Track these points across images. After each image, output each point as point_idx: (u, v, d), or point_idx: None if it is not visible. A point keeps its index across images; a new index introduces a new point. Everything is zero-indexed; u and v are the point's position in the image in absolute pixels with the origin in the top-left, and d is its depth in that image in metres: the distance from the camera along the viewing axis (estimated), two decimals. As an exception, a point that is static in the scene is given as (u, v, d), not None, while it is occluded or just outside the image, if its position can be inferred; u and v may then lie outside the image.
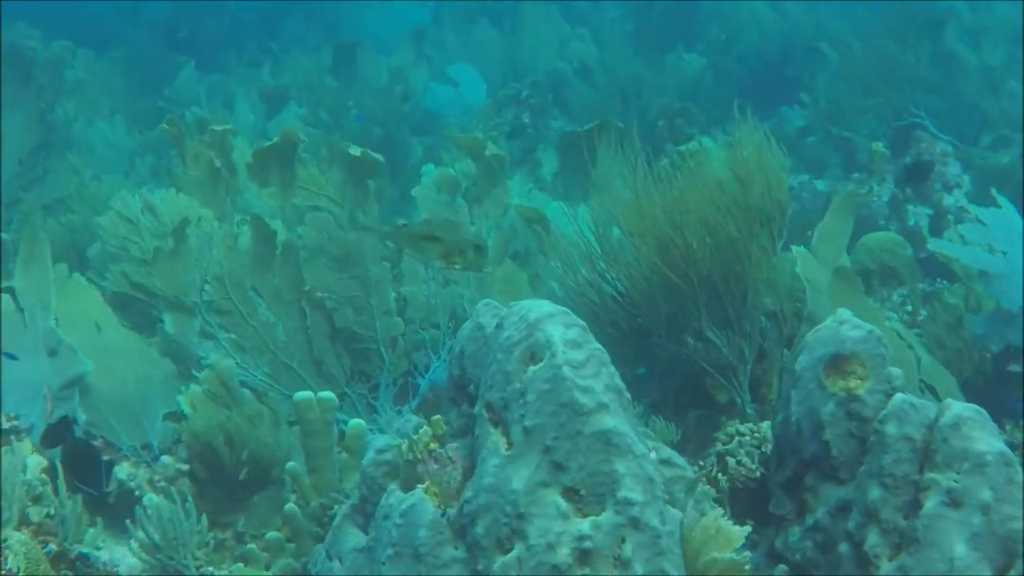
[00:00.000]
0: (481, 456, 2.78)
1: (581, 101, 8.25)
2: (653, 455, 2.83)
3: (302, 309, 4.23)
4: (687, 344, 4.03)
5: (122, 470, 3.91)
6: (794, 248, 4.17)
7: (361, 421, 3.65)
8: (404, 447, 2.96)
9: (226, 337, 4.14)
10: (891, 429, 2.70)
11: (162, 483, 3.92)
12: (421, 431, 2.95)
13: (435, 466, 2.93)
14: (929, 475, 2.65)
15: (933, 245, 4.65)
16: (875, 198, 5.99)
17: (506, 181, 4.66)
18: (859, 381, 2.80)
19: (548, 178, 6.28)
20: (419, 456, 2.93)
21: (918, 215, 5.94)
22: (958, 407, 2.68)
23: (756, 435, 3.41)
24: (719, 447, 3.48)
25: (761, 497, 3.28)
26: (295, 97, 8.31)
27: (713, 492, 3.14)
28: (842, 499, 2.79)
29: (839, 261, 4.20)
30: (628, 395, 2.86)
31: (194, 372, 4.05)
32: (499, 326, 2.92)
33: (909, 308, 4.99)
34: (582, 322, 2.86)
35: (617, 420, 2.71)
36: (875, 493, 2.69)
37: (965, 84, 7.89)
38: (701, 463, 3.68)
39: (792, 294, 4.13)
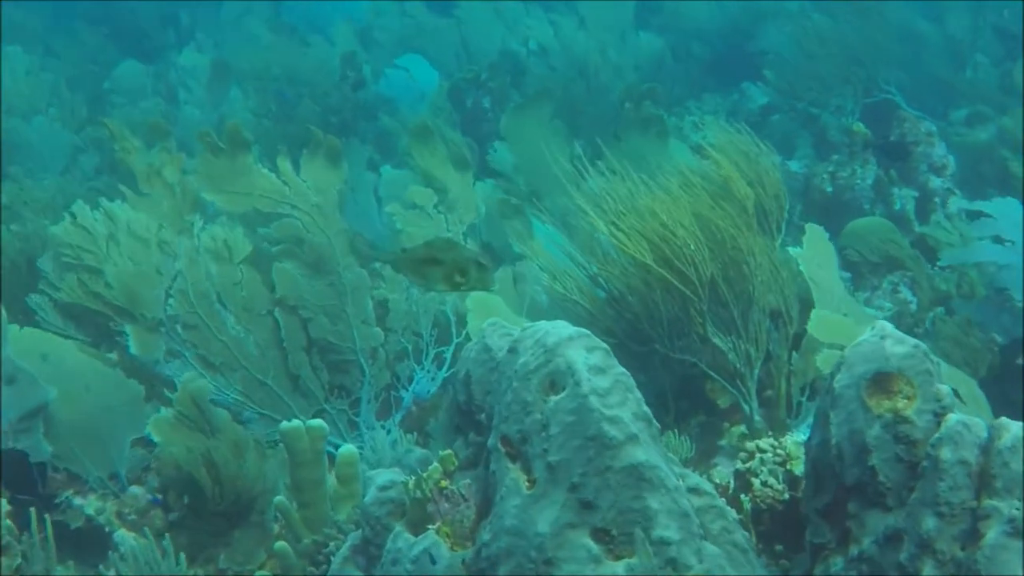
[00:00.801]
0: (500, 495, 2.55)
1: (540, 83, 7.96)
2: (681, 483, 2.61)
3: (274, 321, 3.95)
4: (691, 349, 3.81)
5: (89, 504, 3.62)
6: (791, 250, 3.98)
7: (352, 447, 3.39)
8: (411, 484, 2.71)
9: (194, 353, 3.84)
10: (946, 454, 2.49)
11: (132, 516, 3.63)
12: (431, 468, 2.70)
13: (447, 505, 2.71)
14: (988, 502, 2.45)
15: (944, 262, 4.52)
16: (858, 181, 5.79)
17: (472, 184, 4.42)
18: (906, 401, 2.59)
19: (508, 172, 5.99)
20: (429, 494, 2.68)
21: (904, 198, 5.75)
22: (1015, 428, 2.48)
23: (779, 452, 3.19)
24: (739, 465, 3.26)
25: (789, 520, 3.09)
26: (240, 85, 7.95)
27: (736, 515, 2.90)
28: (891, 527, 2.57)
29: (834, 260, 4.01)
30: (656, 422, 2.64)
31: (167, 393, 3.75)
32: (512, 350, 2.69)
33: (904, 296, 4.81)
34: (604, 344, 2.64)
35: (648, 452, 2.50)
36: (930, 523, 2.48)
37: (930, 57, 7.74)
38: (710, 477, 3.48)
39: (796, 293, 3.93)
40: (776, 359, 3.84)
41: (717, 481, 3.39)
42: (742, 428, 3.97)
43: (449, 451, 2.76)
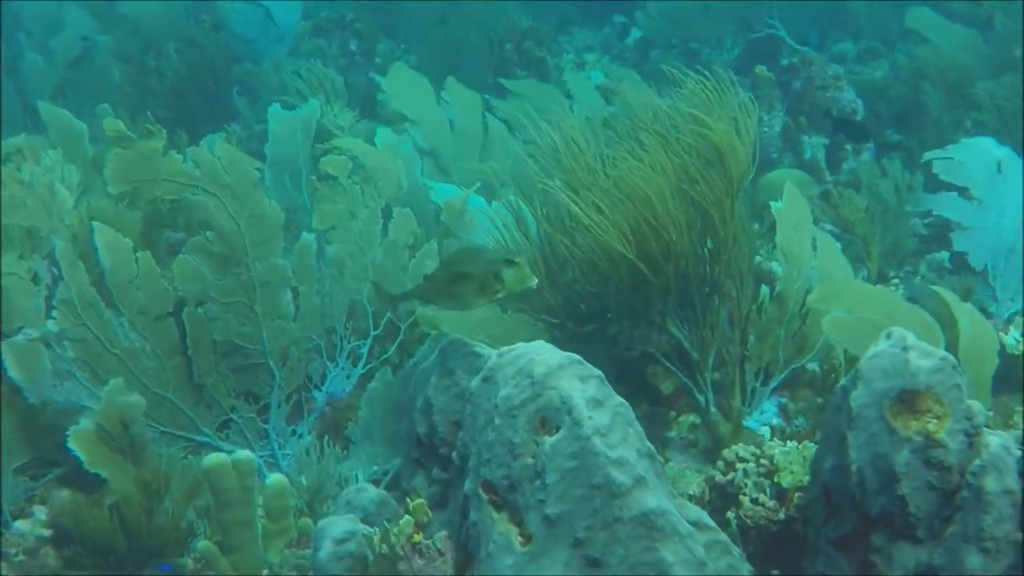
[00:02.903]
0: (487, 551, 2.22)
1: (410, 23, 7.43)
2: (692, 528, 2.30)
3: (175, 325, 3.47)
4: (642, 334, 3.50)
5: (-35, 547, 3.13)
6: (773, 205, 3.66)
7: (282, 477, 2.98)
8: (377, 539, 2.33)
9: (85, 373, 3.33)
10: (991, 484, 2.23)
11: (20, 557, 3.16)
12: (403, 522, 2.32)
13: (420, 561, 2.34)
14: (1038, 535, 2.21)
15: (912, 207, 4.23)
16: (765, 128, 5.51)
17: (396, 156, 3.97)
18: (936, 421, 2.31)
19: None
20: (401, 550, 2.31)
21: (814, 146, 5.49)
22: (1062, 451, 2.24)
23: (762, 462, 2.89)
24: (718, 477, 2.95)
25: (782, 541, 2.80)
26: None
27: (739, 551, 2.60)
28: (923, 563, 2.31)
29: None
30: (659, 456, 2.32)
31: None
32: (489, 379, 2.33)
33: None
34: (598, 371, 2.29)
35: (658, 496, 2.20)
36: (975, 560, 2.24)
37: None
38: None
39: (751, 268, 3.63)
40: (731, 343, 3.54)
41: (691, 492, 3.07)
42: (691, 417, 3.69)
43: (421, 500, 2.39)
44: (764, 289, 3.68)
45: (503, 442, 2.24)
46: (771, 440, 3.31)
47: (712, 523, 2.51)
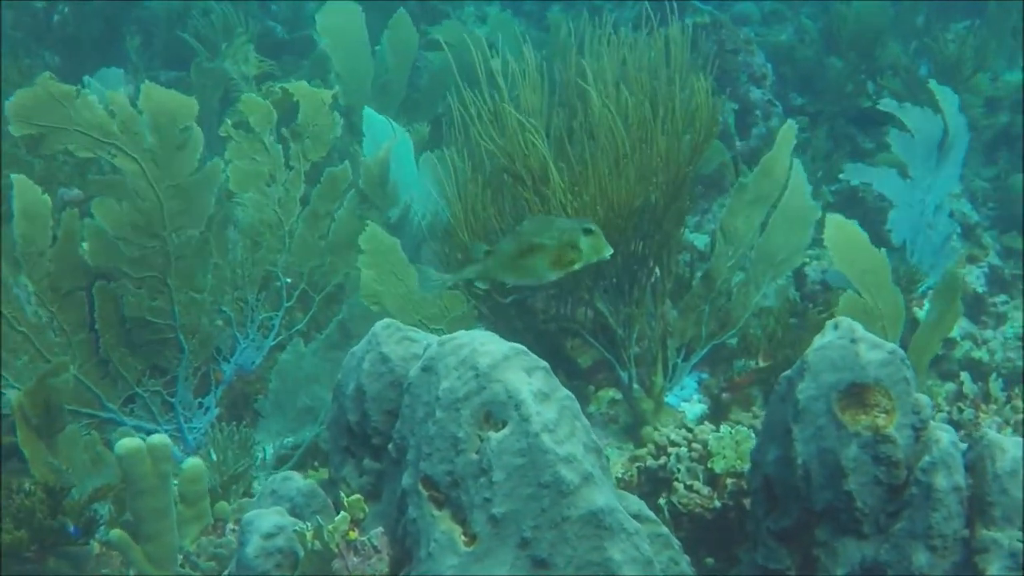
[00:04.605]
0: (427, 550, 2.13)
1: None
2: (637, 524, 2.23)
3: (84, 300, 3.28)
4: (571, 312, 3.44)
5: None
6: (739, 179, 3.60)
7: (198, 461, 2.83)
8: (309, 535, 2.22)
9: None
10: (941, 481, 2.21)
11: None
12: (338, 519, 2.21)
13: (355, 559, 2.23)
14: (986, 533, 2.20)
15: (847, 175, 4.19)
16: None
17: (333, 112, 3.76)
18: (884, 415, 2.27)
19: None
20: (335, 548, 2.20)
21: (724, 111, 5.44)
22: (1013, 449, 2.23)
23: (695, 446, 2.84)
24: (650, 462, 2.90)
25: (715, 527, 2.76)
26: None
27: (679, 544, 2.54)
28: (869, 558, 2.29)
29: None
30: (603, 450, 2.25)
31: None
32: (429, 369, 2.23)
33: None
34: (543, 362, 2.21)
35: (605, 494, 2.14)
36: (923, 558, 2.22)
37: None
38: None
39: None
40: (653, 319, 3.49)
41: (618, 475, 3.02)
42: (611, 393, 3.64)
43: (358, 496, 2.27)
44: (682, 260, 3.62)
45: (445, 436, 2.14)
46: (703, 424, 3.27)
47: (652, 515, 2.45)
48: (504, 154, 3.36)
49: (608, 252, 2.68)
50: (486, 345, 2.19)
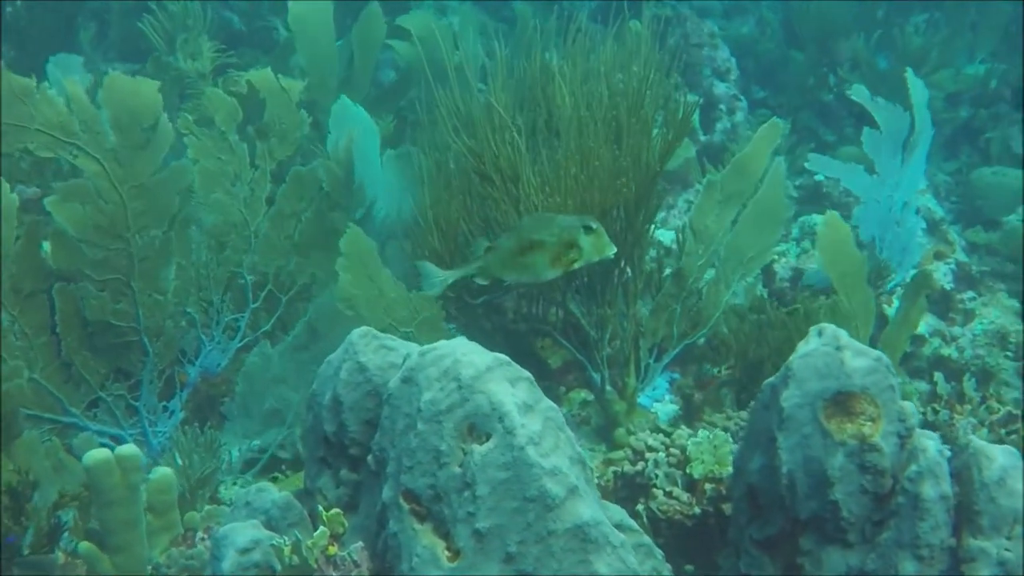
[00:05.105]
0: (409, 564, 2.10)
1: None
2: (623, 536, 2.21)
3: (46, 302, 3.20)
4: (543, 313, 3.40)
5: None
6: (707, 177, 3.57)
7: (167, 471, 2.77)
8: (287, 550, 2.17)
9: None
10: (929, 491, 2.19)
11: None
12: (317, 533, 2.17)
13: (334, 574, 2.18)
14: (973, 542, 2.19)
15: (811, 164, 4.17)
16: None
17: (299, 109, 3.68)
18: (871, 423, 2.25)
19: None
20: (315, 564, 2.15)
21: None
22: (1000, 457, 2.22)
23: (672, 451, 2.81)
24: (627, 467, 2.87)
25: (697, 535, 2.74)
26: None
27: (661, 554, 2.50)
28: (854, 567, 2.27)
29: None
30: (588, 461, 2.22)
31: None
32: (409, 380, 2.18)
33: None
34: (526, 372, 2.17)
35: (591, 506, 2.10)
36: (910, 567, 2.20)
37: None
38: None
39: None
40: (625, 319, 3.46)
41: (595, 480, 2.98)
42: (582, 394, 3.61)
43: (337, 511, 2.23)
44: (649, 257, 3.59)
45: (427, 449, 2.10)
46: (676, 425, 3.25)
47: (634, 524, 2.42)
48: (473, 154, 3.31)
49: (611, 251, 2.67)
50: (469, 355, 2.15)
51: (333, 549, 2.18)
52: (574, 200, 3.13)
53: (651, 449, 2.85)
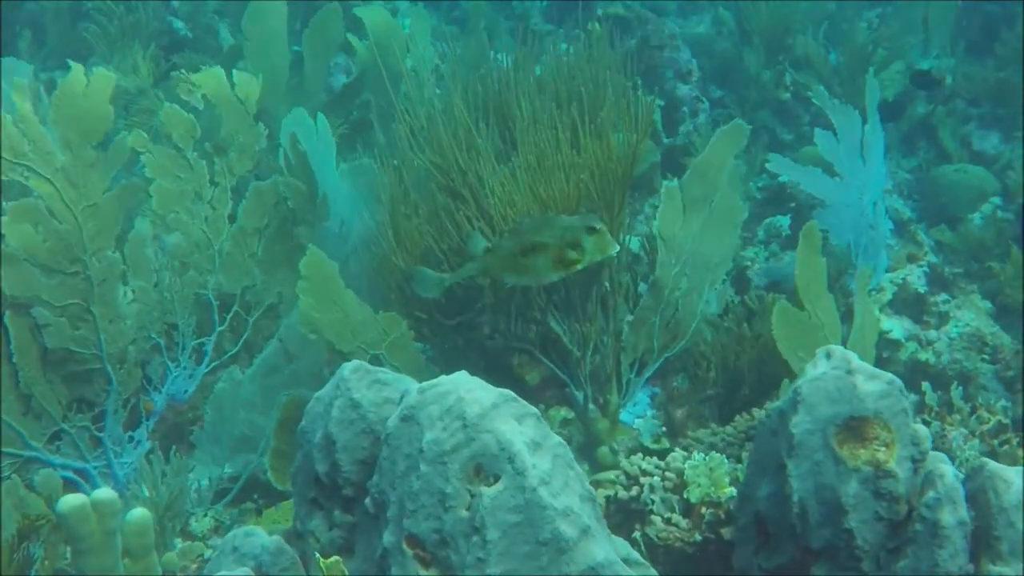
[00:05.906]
0: (415, 613, 1.96)
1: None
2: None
3: (2, 331, 3.04)
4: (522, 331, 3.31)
5: None
6: (664, 184, 3.49)
7: (144, 512, 2.63)
8: (284, 600, 2.06)
9: None
10: (947, 517, 2.13)
11: None
12: (317, 582, 2.06)
13: (335, 624, 2.07)
14: (993, 568, 2.13)
15: (772, 165, 4.10)
16: (601, 90, 5.31)
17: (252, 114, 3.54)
18: (884, 449, 2.19)
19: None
20: (314, 615, 2.05)
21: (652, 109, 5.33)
22: (1018, 480, 2.16)
23: (668, 475, 2.73)
24: (621, 493, 2.78)
25: (696, 561, 2.66)
26: None
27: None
28: (870, 598, 2.20)
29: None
30: (597, 497, 2.13)
31: None
32: (409, 419, 2.08)
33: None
34: (532, 408, 2.08)
35: (603, 546, 2.03)
36: (929, 597, 2.13)
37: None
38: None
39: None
40: (606, 333, 3.38)
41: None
42: (563, 412, 3.51)
43: (336, 559, 2.11)
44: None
45: (431, 492, 2.00)
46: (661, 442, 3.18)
47: (639, 557, 2.34)
48: (440, 171, 3.22)
49: (614, 250, 2.59)
50: (472, 392, 2.06)
51: (334, 600, 2.08)
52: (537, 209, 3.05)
53: (646, 473, 2.77)
